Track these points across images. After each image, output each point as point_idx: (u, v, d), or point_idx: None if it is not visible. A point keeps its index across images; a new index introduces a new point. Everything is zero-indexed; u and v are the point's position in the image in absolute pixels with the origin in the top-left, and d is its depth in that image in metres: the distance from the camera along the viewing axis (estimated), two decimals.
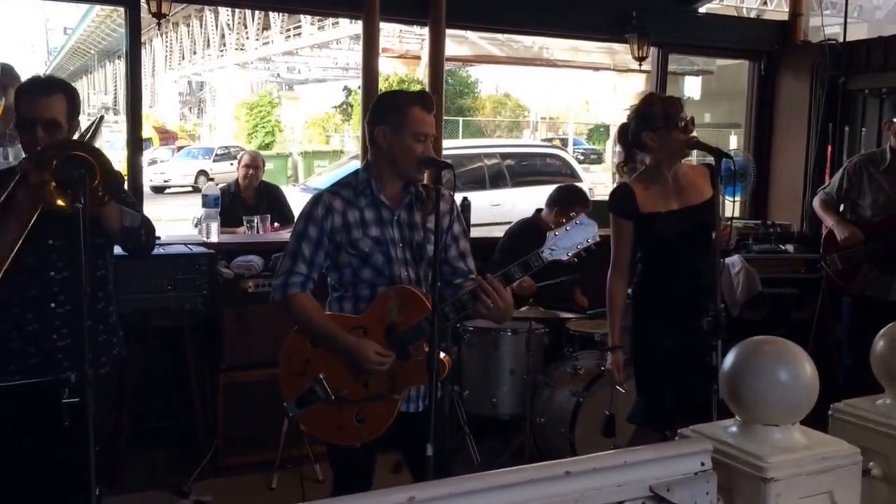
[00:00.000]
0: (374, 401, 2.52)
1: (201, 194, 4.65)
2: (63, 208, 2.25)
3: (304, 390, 2.57)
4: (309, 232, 2.57)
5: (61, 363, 2.50)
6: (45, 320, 2.48)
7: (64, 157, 2.24)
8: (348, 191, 2.60)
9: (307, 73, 31.88)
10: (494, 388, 4.27)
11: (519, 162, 11.82)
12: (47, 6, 42.89)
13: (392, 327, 2.52)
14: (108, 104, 37.48)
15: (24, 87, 2.51)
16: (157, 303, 3.90)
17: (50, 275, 2.48)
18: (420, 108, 2.54)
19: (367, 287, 2.58)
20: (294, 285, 2.56)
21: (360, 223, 2.56)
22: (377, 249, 2.56)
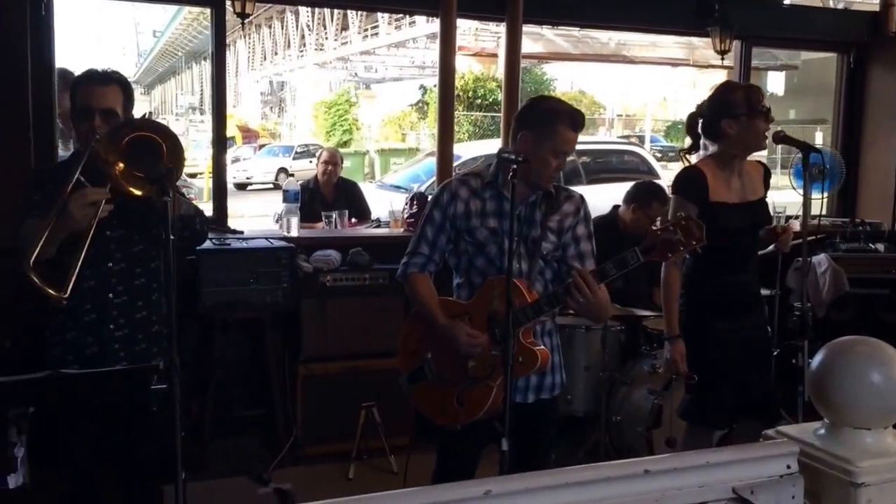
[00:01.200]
0: (472, 384, 2.58)
1: (282, 190, 4.74)
2: (136, 196, 2.29)
3: (415, 368, 2.70)
4: (434, 216, 2.68)
5: (117, 353, 2.55)
6: (102, 310, 2.53)
7: (133, 138, 2.28)
8: (477, 180, 2.68)
9: (384, 71, 32.19)
10: (569, 385, 4.18)
11: (594, 159, 11.65)
12: (138, 11, 44.49)
13: (493, 315, 2.56)
14: (195, 104, 38.66)
15: (80, 79, 2.57)
16: (239, 295, 3.99)
17: (108, 266, 2.53)
18: (569, 127, 2.56)
19: (480, 275, 2.65)
20: (414, 265, 2.70)
21: (480, 213, 2.64)
22: (492, 240, 2.62)
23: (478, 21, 20.67)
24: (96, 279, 2.51)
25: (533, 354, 2.54)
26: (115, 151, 2.28)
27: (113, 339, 2.54)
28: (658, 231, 2.44)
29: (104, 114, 2.46)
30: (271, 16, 31.84)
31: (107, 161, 2.28)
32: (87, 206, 2.30)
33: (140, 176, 2.28)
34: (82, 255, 2.30)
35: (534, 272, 2.61)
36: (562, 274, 2.65)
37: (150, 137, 2.28)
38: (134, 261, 2.56)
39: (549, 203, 2.63)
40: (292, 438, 4.18)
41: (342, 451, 4.13)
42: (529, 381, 2.65)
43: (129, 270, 2.55)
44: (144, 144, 2.27)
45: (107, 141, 2.31)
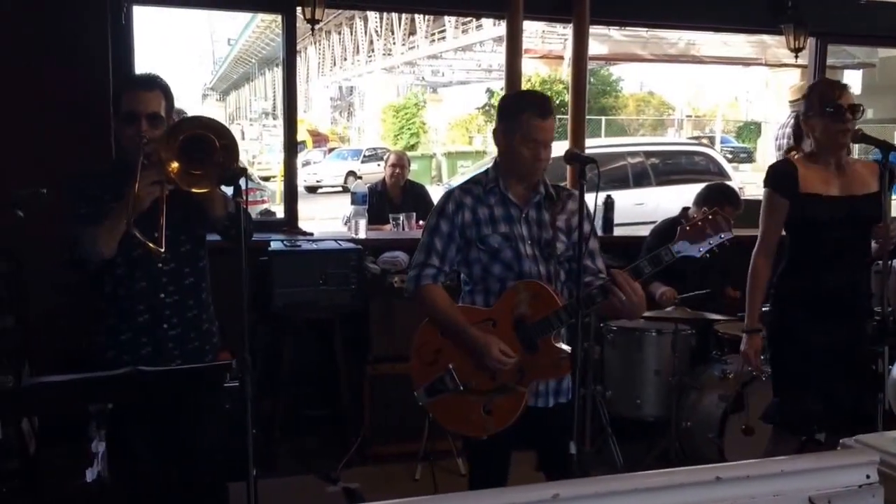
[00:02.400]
0: (501, 393, 2.53)
1: (350, 192, 4.79)
2: (202, 194, 2.35)
3: (434, 379, 2.61)
4: (441, 227, 2.63)
5: (172, 352, 2.59)
6: (155, 311, 2.57)
7: (189, 135, 2.32)
8: (479, 188, 2.65)
9: (451, 75, 32.32)
10: (638, 390, 4.15)
11: (663, 160, 11.45)
12: (213, 20, 45.69)
13: (521, 320, 2.52)
14: (268, 109, 39.50)
15: (125, 84, 2.64)
16: (309, 296, 4.04)
17: (158, 266, 2.56)
18: (532, 113, 2.53)
19: (498, 281, 2.60)
20: (426, 277, 2.62)
21: (489, 220, 2.60)
22: (506, 245, 2.58)
23: (544, 23, 20.59)
24: (147, 280, 2.56)
25: (567, 358, 2.50)
26: (169, 152, 2.33)
27: (167, 338, 2.59)
28: (687, 227, 2.44)
29: (150, 118, 2.50)
30: (341, 22, 32.33)
31: (162, 162, 2.34)
32: (150, 186, 2.37)
33: (198, 173, 2.34)
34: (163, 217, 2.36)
35: (552, 275, 2.59)
36: (574, 273, 2.56)
37: (202, 134, 2.33)
38: (182, 260, 2.60)
39: (552, 203, 2.62)
40: (360, 438, 4.21)
41: (409, 451, 4.14)
42: (548, 385, 2.62)
43: (178, 270, 2.60)
44: (197, 142, 2.31)
45: (161, 144, 2.36)
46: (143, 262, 2.53)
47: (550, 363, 2.50)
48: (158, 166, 2.36)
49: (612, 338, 4.27)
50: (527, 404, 2.54)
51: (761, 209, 3.08)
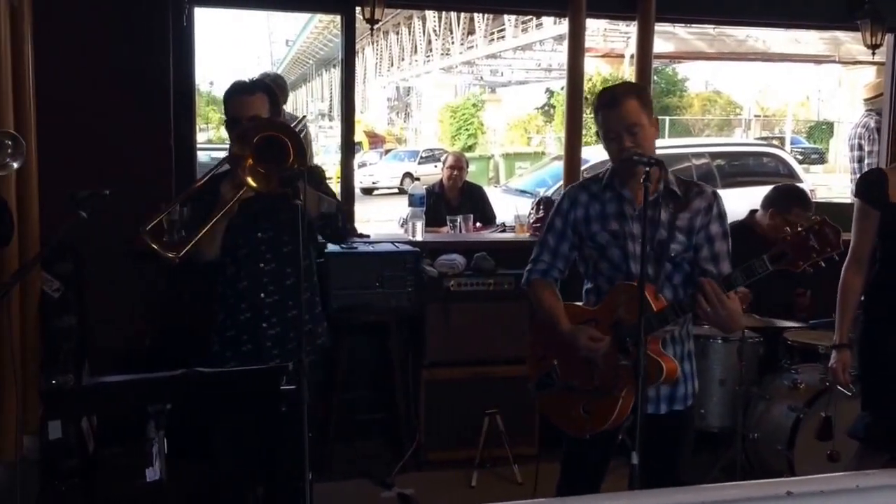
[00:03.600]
0: (598, 394, 2.54)
1: (408, 194, 4.81)
2: (255, 188, 2.43)
3: (542, 374, 2.69)
4: (555, 223, 2.69)
5: (270, 351, 2.68)
6: (256, 310, 2.67)
7: (264, 135, 2.41)
8: (597, 184, 2.64)
9: (510, 75, 32.24)
10: (703, 399, 4.05)
11: (730, 161, 11.22)
12: (272, 21, 46.52)
13: (618, 322, 2.51)
14: (325, 111, 40.01)
15: (230, 90, 2.73)
16: (365, 298, 4.07)
17: (259, 266, 2.66)
18: (605, 106, 2.50)
19: (606, 280, 2.60)
20: (536, 272, 2.71)
21: (600, 216, 2.60)
22: (614, 244, 2.56)
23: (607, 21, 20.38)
24: (249, 279, 2.66)
25: (657, 365, 2.43)
26: (246, 146, 2.43)
27: (266, 336, 2.68)
28: (789, 237, 2.29)
29: (251, 122, 2.59)
30: (398, 22, 32.56)
31: (240, 155, 2.44)
32: (233, 189, 2.47)
33: (262, 171, 2.42)
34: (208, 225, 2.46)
35: (661, 276, 2.50)
36: (694, 277, 2.53)
37: (278, 137, 2.40)
38: (284, 261, 2.69)
39: (676, 200, 2.52)
40: (415, 443, 4.22)
41: (465, 457, 4.14)
42: (660, 391, 2.56)
43: (279, 271, 2.68)
44: (273, 144, 2.39)
45: (239, 139, 2.46)
46: (247, 262, 2.66)
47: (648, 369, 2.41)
48: (234, 161, 2.46)
49: None
50: (629, 409, 2.48)
51: (853, 220, 2.99)
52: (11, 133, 2.55)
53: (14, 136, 2.51)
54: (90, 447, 3.73)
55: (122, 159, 4.07)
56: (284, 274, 2.69)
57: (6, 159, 2.47)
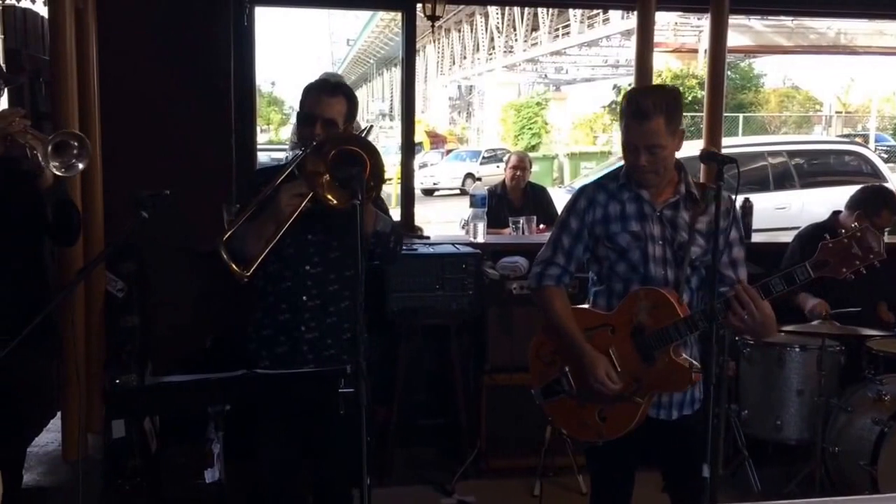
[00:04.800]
0: (617, 400, 2.51)
1: (469, 194, 4.80)
2: (333, 204, 2.42)
3: (551, 380, 2.66)
4: (570, 223, 2.62)
5: (306, 355, 2.66)
6: (296, 312, 2.66)
7: (341, 150, 2.40)
8: (614, 183, 2.60)
9: (575, 72, 32.06)
10: (779, 410, 3.95)
11: (809, 160, 10.93)
12: (333, 20, 47.20)
13: (639, 329, 2.48)
14: (385, 111, 40.40)
15: (312, 85, 2.74)
16: (425, 301, 4.07)
17: (305, 268, 2.65)
18: (630, 116, 2.45)
19: (621, 282, 2.56)
20: (549, 277, 2.64)
21: (620, 217, 2.56)
22: (635, 245, 2.53)
23: (678, 14, 20.09)
24: (293, 280, 2.66)
25: (686, 373, 2.44)
26: (320, 163, 2.42)
27: (303, 340, 2.67)
28: (831, 244, 2.30)
29: (325, 123, 2.61)
30: (461, 20, 32.67)
31: (314, 172, 2.43)
32: (293, 196, 2.46)
33: (340, 187, 2.41)
34: (273, 241, 2.46)
35: (681, 280, 2.49)
36: (707, 281, 2.50)
37: (355, 152, 2.40)
38: (330, 266, 2.69)
39: (694, 204, 2.53)
40: (476, 450, 4.21)
41: (527, 466, 4.11)
42: (673, 397, 2.56)
43: (324, 275, 2.68)
44: (349, 158, 2.38)
45: (314, 153, 2.46)
46: (293, 262, 2.66)
47: (667, 376, 2.46)
48: (310, 178, 2.45)
49: (748, 353, 4.09)
50: (646, 416, 2.51)
51: None
52: (77, 134, 2.63)
53: (80, 136, 2.59)
54: (153, 447, 3.83)
55: (184, 159, 4.17)
56: (328, 279, 2.68)
57: (72, 160, 2.55)
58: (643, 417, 2.50)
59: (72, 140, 2.56)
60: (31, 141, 2.51)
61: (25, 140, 2.50)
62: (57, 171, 2.50)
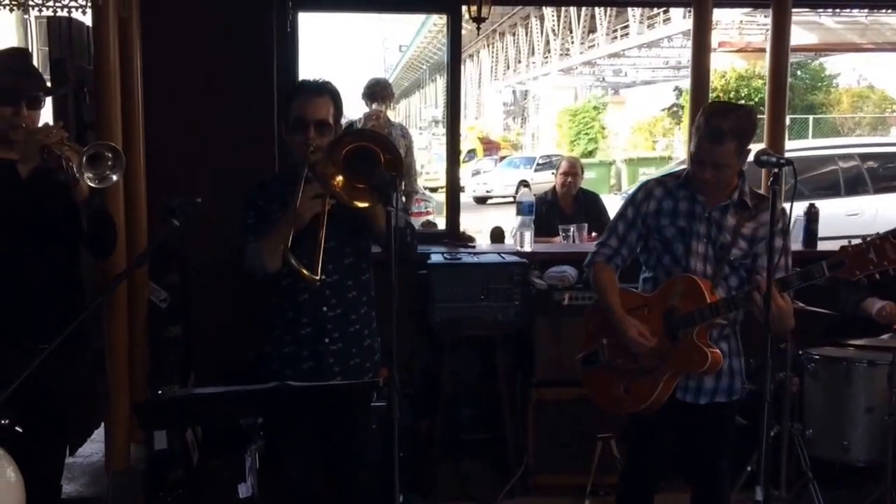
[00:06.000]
0: (640, 375, 2.86)
1: (515, 202, 4.77)
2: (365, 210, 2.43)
3: (590, 350, 3.04)
4: (627, 212, 2.98)
5: (332, 367, 2.66)
6: (318, 324, 2.67)
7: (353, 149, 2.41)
8: (674, 181, 2.92)
9: (634, 75, 31.70)
10: (846, 429, 3.84)
11: (884, 164, 10.62)
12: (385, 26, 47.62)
13: (671, 311, 2.82)
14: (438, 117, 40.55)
15: (297, 90, 2.76)
16: (469, 312, 4.06)
17: (321, 278, 2.62)
18: (702, 136, 2.69)
19: (665, 273, 2.90)
20: (601, 255, 3.00)
21: (671, 212, 2.87)
22: (679, 239, 2.85)
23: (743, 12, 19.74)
24: (311, 292, 2.65)
25: (704, 354, 2.74)
26: (333, 165, 2.43)
27: (328, 352, 2.67)
28: (849, 247, 2.52)
29: (318, 125, 2.62)
30: (515, 23, 32.62)
31: (326, 175, 2.44)
32: (310, 200, 2.50)
33: (362, 187, 2.41)
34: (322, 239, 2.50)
35: (718, 276, 2.80)
36: (754, 284, 2.74)
37: (367, 147, 2.41)
38: (346, 273, 2.69)
39: (744, 210, 2.80)
40: (523, 467, 4.17)
41: (576, 483, 4.05)
42: (702, 382, 2.86)
43: (341, 283, 2.68)
44: (361, 155, 2.39)
45: (325, 156, 2.47)
46: None
47: (688, 356, 2.78)
48: (322, 179, 2.46)
49: (813, 368, 3.98)
50: (668, 394, 2.83)
51: None
52: (112, 146, 2.68)
53: (114, 148, 2.65)
54: (194, 458, 3.88)
55: (227, 168, 4.22)
56: (346, 286, 2.68)
57: (106, 171, 2.60)
58: (663, 396, 2.82)
59: (106, 151, 2.61)
60: (67, 153, 2.56)
61: (62, 152, 2.56)
62: (91, 182, 2.56)
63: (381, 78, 5.95)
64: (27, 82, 2.73)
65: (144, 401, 3.35)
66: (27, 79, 2.74)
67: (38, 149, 2.58)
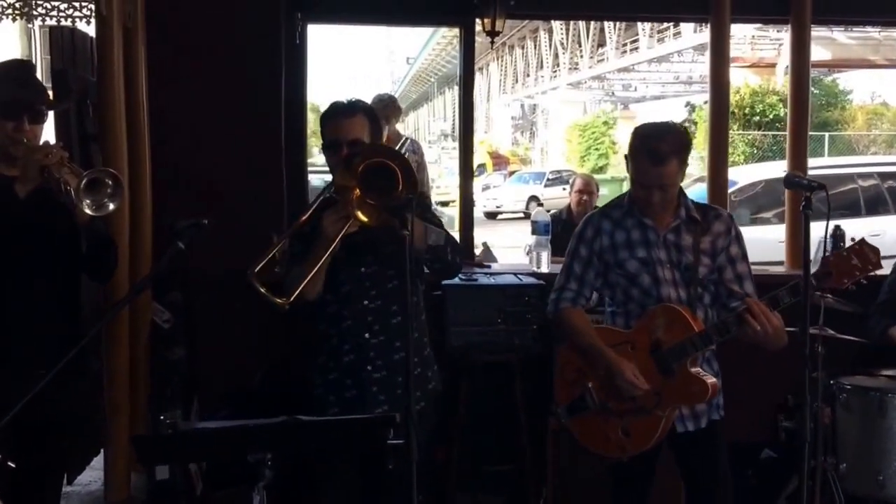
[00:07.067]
0: (639, 414, 2.76)
1: (531, 221, 4.67)
2: (364, 223, 2.37)
3: (575, 398, 2.91)
4: (580, 251, 2.92)
5: (376, 396, 2.60)
6: (360, 351, 2.61)
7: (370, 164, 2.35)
8: (618, 211, 2.88)
9: (644, 89, 31.74)
10: (880, 464, 3.69)
11: None
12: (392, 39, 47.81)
13: (657, 344, 2.74)
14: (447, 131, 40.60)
15: (328, 112, 2.71)
16: (486, 336, 3.94)
17: (363, 304, 2.60)
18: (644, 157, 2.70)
19: (638, 305, 2.83)
20: (565, 300, 2.94)
21: (626, 244, 2.83)
22: (644, 270, 2.80)
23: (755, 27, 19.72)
24: (353, 318, 2.61)
25: (703, 385, 2.70)
26: (351, 178, 2.38)
27: (371, 381, 2.61)
28: (831, 257, 2.59)
29: (351, 145, 2.57)
30: (524, 36, 32.70)
31: (345, 188, 2.40)
32: (337, 221, 2.42)
33: (371, 203, 2.36)
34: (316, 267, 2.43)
35: (693, 299, 2.77)
36: (721, 297, 2.83)
37: (384, 164, 2.34)
38: (390, 298, 2.62)
39: (695, 225, 2.79)
40: (542, 498, 4.05)
41: None
42: (696, 408, 2.81)
43: (385, 308, 2.62)
44: (379, 171, 2.34)
45: (343, 168, 2.44)
46: (350, 300, 2.61)
47: (687, 389, 2.72)
48: (343, 198, 2.41)
49: (845, 399, 3.83)
50: (669, 429, 2.77)
51: None
52: (112, 172, 2.58)
53: (115, 176, 2.55)
54: (198, 489, 3.77)
55: (233, 182, 4.16)
56: (390, 312, 2.61)
57: (104, 199, 2.51)
58: (666, 430, 2.76)
59: (106, 178, 2.52)
60: (66, 175, 2.48)
61: (61, 174, 2.48)
62: (88, 209, 2.46)
63: (384, 95, 5.83)
64: (30, 95, 2.64)
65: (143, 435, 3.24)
66: (30, 92, 2.65)
67: (38, 169, 2.50)
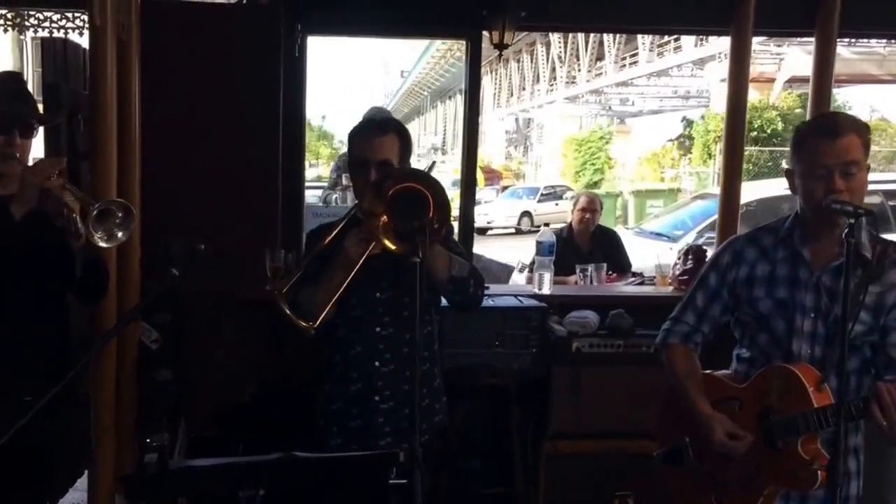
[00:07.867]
0: (736, 486, 2.39)
1: (536, 241, 4.62)
2: (392, 250, 2.30)
3: (673, 447, 2.57)
4: (709, 280, 2.52)
5: (382, 428, 2.54)
6: (368, 380, 2.54)
7: (400, 189, 2.28)
8: (769, 237, 2.44)
9: (641, 104, 31.84)
10: (889, 493, 3.68)
11: None
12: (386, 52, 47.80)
13: (767, 411, 2.33)
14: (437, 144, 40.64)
15: (357, 129, 2.63)
16: (483, 359, 3.91)
17: (375, 330, 2.53)
18: (818, 136, 2.23)
19: (762, 354, 2.42)
20: (675, 334, 2.58)
21: (767, 279, 2.39)
22: (779, 314, 2.35)
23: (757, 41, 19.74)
24: (363, 345, 2.54)
25: (813, 474, 2.22)
26: (379, 203, 2.31)
27: (377, 411, 2.55)
28: None
29: (380, 166, 2.48)
30: (520, 48, 32.78)
31: (372, 213, 2.32)
32: (359, 244, 2.36)
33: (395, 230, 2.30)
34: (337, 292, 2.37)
35: (830, 361, 2.21)
36: (877, 365, 2.29)
37: (416, 189, 2.28)
38: (403, 326, 2.54)
39: (866, 267, 2.15)
40: None
41: None
42: (808, 493, 2.33)
43: (397, 336, 2.54)
44: (410, 197, 2.27)
45: (372, 193, 2.35)
46: (362, 326, 2.54)
47: (788, 470, 2.28)
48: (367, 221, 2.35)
49: None
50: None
51: None
52: (125, 204, 2.51)
53: (127, 207, 2.47)
54: None
55: (227, 199, 4.10)
56: (403, 340, 2.53)
57: (114, 229, 2.44)
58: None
59: (117, 210, 2.43)
60: (68, 199, 2.40)
61: (63, 197, 2.39)
62: (100, 241, 2.39)
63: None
64: (22, 109, 2.58)
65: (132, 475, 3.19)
66: (22, 105, 2.60)
67: (38, 192, 2.40)
